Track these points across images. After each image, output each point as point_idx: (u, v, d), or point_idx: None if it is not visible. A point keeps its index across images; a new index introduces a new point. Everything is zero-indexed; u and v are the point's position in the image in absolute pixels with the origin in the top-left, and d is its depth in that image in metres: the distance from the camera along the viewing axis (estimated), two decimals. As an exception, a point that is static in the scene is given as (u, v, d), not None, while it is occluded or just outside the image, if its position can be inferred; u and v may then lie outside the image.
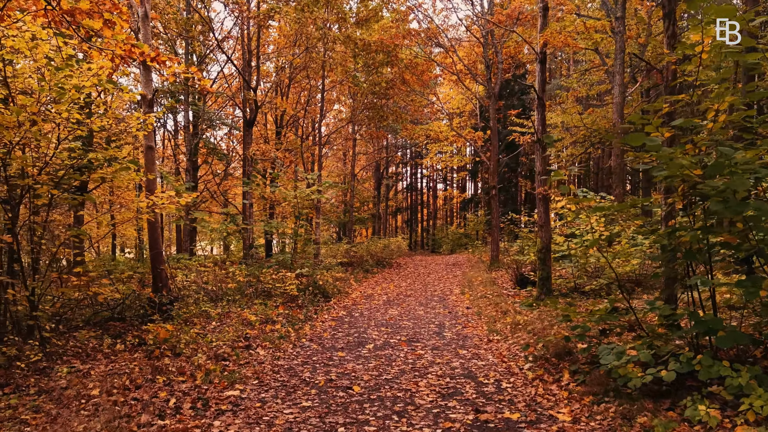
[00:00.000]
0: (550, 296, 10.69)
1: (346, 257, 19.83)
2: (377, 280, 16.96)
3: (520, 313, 9.74)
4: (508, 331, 8.38)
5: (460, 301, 12.30)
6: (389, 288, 14.92)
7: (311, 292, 11.62)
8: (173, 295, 9.51)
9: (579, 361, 6.10)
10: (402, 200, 48.54)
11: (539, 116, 10.56)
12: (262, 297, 10.94)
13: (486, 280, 14.58)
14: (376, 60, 18.59)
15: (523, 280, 13.25)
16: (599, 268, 12.50)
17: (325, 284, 11.94)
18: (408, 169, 48.68)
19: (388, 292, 13.99)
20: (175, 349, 7.15)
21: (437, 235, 43.08)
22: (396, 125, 28.16)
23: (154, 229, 9.28)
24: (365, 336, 8.41)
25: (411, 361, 6.73)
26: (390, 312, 10.81)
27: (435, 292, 13.96)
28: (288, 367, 6.48)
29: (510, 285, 13.90)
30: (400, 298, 12.85)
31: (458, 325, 9.37)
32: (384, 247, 25.29)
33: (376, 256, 21.80)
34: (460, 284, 15.22)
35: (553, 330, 7.42)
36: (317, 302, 11.35)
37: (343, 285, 14.38)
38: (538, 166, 10.73)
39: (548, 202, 10.81)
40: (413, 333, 8.64)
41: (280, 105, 22.51)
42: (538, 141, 10.69)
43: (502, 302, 10.98)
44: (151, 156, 9.08)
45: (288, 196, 11.98)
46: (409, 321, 9.78)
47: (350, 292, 13.68)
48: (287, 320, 9.31)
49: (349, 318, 10.18)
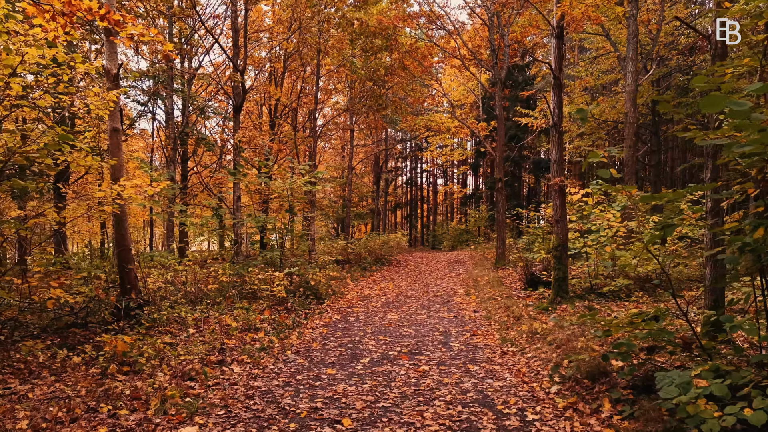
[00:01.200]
0: (566, 299, 9.61)
1: (343, 254, 18.73)
2: (375, 279, 15.87)
3: (535, 318, 8.65)
4: (524, 341, 7.29)
5: (465, 303, 11.21)
6: (388, 288, 13.83)
7: (302, 294, 10.53)
8: (143, 298, 8.40)
9: (619, 384, 5.02)
10: (401, 195, 47.45)
11: (555, 98, 9.45)
12: (247, 299, 9.84)
13: (492, 279, 13.49)
14: (374, 44, 17.44)
15: (533, 280, 12.17)
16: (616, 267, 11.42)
17: (318, 284, 10.86)
18: (408, 164, 47.55)
19: (387, 293, 12.90)
20: (135, 364, 6.05)
21: (437, 232, 42.00)
22: (395, 117, 27.03)
23: (120, 222, 8.17)
24: (360, 347, 7.32)
25: (414, 381, 5.64)
26: (389, 316, 9.72)
27: (438, 292, 12.87)
28: (265, 390, 5.38)
29: (519, 285, 12.81)
30: (400, 300, 11.76)
31: (466, 332, 8.28)
32: (383, 244, 24.19)
33: (375, 253, 20.71)
34: (465, 284, 14.13)
35: (579, 342, 6.33)
36: (308, 305, 10.25)
37: (338, 285, 13.29)
38: (554, 154, 9.62)
39: (565, 193, 9.71)
40: (415, 343, 7.54)
41: (274, 94, 21.36)
42: (553, 126, 9.58)
43: (512, 305, 9.89)
44: (116, 139, 7.95)
45: (278, 187, 10.88)
46: (411, 327, 8.68)
47: (346, 292, 12.58)
48: (272, 327, 8.21)
49: (343, 324, 9.08)
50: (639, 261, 10.82)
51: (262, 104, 24.86)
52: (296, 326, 8.54)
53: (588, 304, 9.59)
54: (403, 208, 48.14)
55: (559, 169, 9.57)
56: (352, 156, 24.50)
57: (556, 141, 9.55)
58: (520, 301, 10.65)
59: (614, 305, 9.69)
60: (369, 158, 36.35)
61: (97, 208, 7.27)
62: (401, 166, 46.71)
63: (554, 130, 9.55)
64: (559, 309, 9.31)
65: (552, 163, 9.66)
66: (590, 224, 12.17)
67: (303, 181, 10.91)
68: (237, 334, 7.63)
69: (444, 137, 27.94)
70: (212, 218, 11.06)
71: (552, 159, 9.65)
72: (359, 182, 35.96)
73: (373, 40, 17.26)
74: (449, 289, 13.32)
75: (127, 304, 7.92)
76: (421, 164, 46.79)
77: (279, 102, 23.24)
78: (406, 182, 47.16)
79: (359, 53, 18.34)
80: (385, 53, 18.23)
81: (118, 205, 7.60)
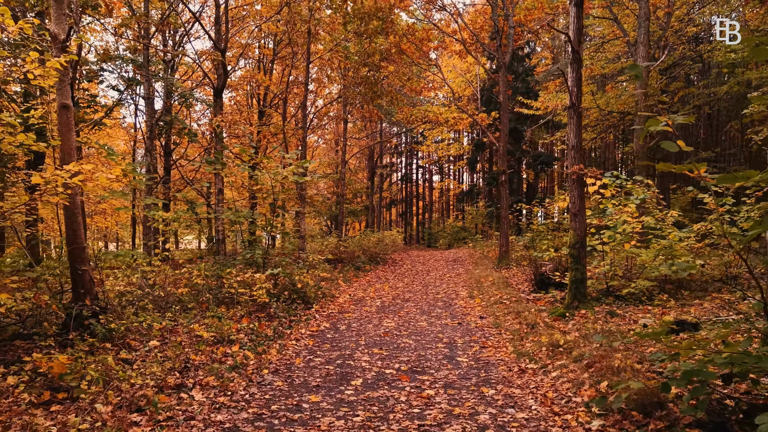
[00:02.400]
0: (584, 303, 8.52)
1: (335, 253, 17.59)
2: (370, 280, 14.74)
3: (551, 326, 7.55)
4: (545, 356, 6.18)
5: (469, 307, 10.10)
6: (384, 290, 12.71)
7: (287, 298, 9.38)
8: (99, 304, 7.23)
9: (680, 420, 3.92)
10: (396, 192, 46.31)
11: (574, 75, 8.34)
12: (225, 304, 8.69)
13: (497, 280, 12.40)
14: (369, 27, 16.27)
15: (543, 281, 11.08)
16: (631, 267, 10.36)
17: (306, 287, 9.72)
18: (403, 160, 46.41)
19: (382, 295, 11.77)
20: (74, 390, 4.91)
21: (434, 229, 40.91)
22: (391, 108, 25.86)
23: (71, 216, 6.98)
24: (352, 363, 6.19)
25: (417, 412, 4.52)
26: (385, 323, 8.59)
27: (438, 295, 11.76)
28: (229, 427, 4.24)
29: (527, 287, 11.72)
30: (396, 304, 10.64)
31: (474, 343, 7.17)
32: (377, 242, 23.06)
33: (369, 251, 19.58)
34: (467, 285, 13.03)
35: (616, 360, 5.23)
36: (294, 310, 9.11)
37: (329, 286, 12.15)
38: (571, 139, 8.52)
39: (584, 184, 8.61)
40: (416, 357, 6.43)
41: (263, 81, 20.17)
42: (571, 107, 8.47)
43: (523, 310, 8.80)
44: (65, 118, 6.76)
45: (262, 179, 9.72)
46: (410, 337, 7.56)
47: (337, 295, 11.45)
48: (250, 338, 7.07)
49: (332, 333, 7.95)
50: (661, 260, 9.77)
51: (252, 96, 23.66)
52: (278, 337, 7.40)
53: (609, 309, 8.51)
54: (399, 205, 47.01)
55: (577, 156, 8.47)
56: (345, 150, 23.34)
57: (574, 123, 8.44)
58: (531, 305, 9.56)
59: (636, 310, 8.63)
60: (363, 153, 35.18)
61: (46, 196, 6.08)
62: (396, 162, 45.57)
63: (572, 111, 8.45)
64: (578, 315, 8.22)
65: (569, 149, 8.55)
66: (608, 220, 11.11)
67: (289, 171, 9.76)
68: (206, 348, 6.48)
69: (441, 130, 26.84)
70: (186, 213, 9.90)
71: (569, 144, 8.55)
72: (353, 178, 34.78)
73: (368, 22, 16.09)
74: (450, 291, 12.22)
75: (79, 312, 6.75)
76: (417, 160, 45.65)
77: (268, 91, 22.05)
78: (402, 178, 46.01)
79: (353, 37, 17.17)
80: (380, 37, 17.08)
81: (67, 196, 6.42)
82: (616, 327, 7.36)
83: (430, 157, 42.98)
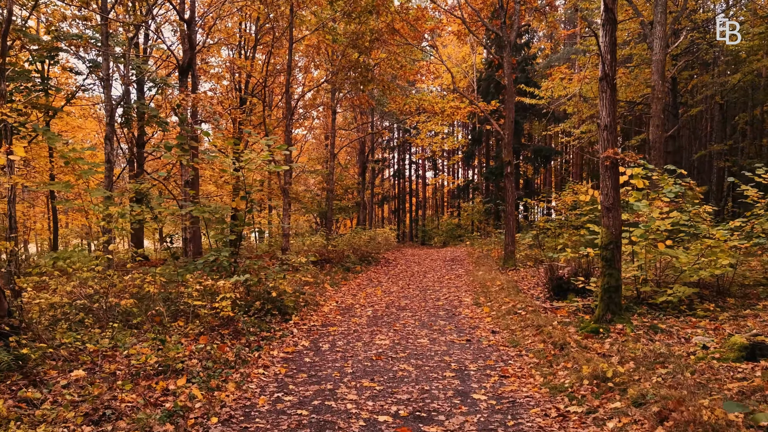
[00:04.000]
0: (619, 315, 7.03)
1: (322, 252, 16.02)
2: (360, 283, 13.19)
3: (586, 348, 6.05)
4: (589, 393, 4.68)
5: (477, 318, 8.59)
6: (376, 295, 11.17)
7: (260, 309, 7.81)
8: (12, 322, 5.64)
9: None
10: (389, 188, 44.76)
11: (608, 39, 6.84)
12: (185, 316, 7.11)
13: (505, 284, 10.88)
14: (358, 5, 14.71)
15: (561, 286, 9.59)
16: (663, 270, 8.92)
17: (283, 295, 8.15)
18: (395, 155, 44.82)
19: (374, 302, 10.23)
20: None
21: (428, 227, 39.42)
22: (383, 98, 24.29)
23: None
24: (333, 406, 4.64)
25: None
26: (378, 341, 7.06)
27: (439, 301, 10.24)
28: None
29: (540, 292, 10.23)
30: (391, 313, 9.11)
31: (491, 370, 5.65)
32: (369, 240, 21.51)
33: (360, 250, 18.02)
34: (470, 289, 11.52)
35: (704, 414, 3.72)
36: (268, 324, 7.54)
37: (313, 292, 10.60)
38: (604, 117, 7.01)
39: (618, 171, 7.11)
40: (419, 394, 4.90)
41: (243, 66, 18.55)
42: (604, 78, 6.97)
43: (545, 324, 7.30)
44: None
45: (226, 164, 8.15)
46: (409, 361, 6.03)
47: (322, 302, 9.88)
48: (204, 365, 5.49)
49: (312, 354, 6.40)
50: (704, 262, 8.31)
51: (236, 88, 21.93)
52: (241, 363, 5.83)
53: (651, 323, 7.03)
54: (391, 202, 45.46)
55: (610, 137, 6.97)
56: (334, 141, 21.74)
57: (607, 98, 6.94)
58: (551, 315, 8.06)
59: (678, 322, 7.17)
60: (354, 147, 33.60)
61: None
62: (388, 158, 43.96)
63: (604, 83, 6.94)
64: (614, 331, 6.73)
65: (601, 130, 7.05)
66: (634, 216, 9.65)
67: (264, 157, 8.17)
68: (143, 383, 4.91)
69: (437, 121, 25.31)
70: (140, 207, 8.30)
71: (601, 124, 7.05)
72: (344, 174, 33.17)
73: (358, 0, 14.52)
74: (452, 297, 10.70)
75: (-23, 334, 5.17)
76: (410, 155, 44.08)
77: (250, 77, 20.42)
78: (394, 174, 44.44)
79: (340, 17, 15.59)
80: (371, 18, 15.51)
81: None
82: (666, 347, 5.89)
83: (424, 152, 41.50)
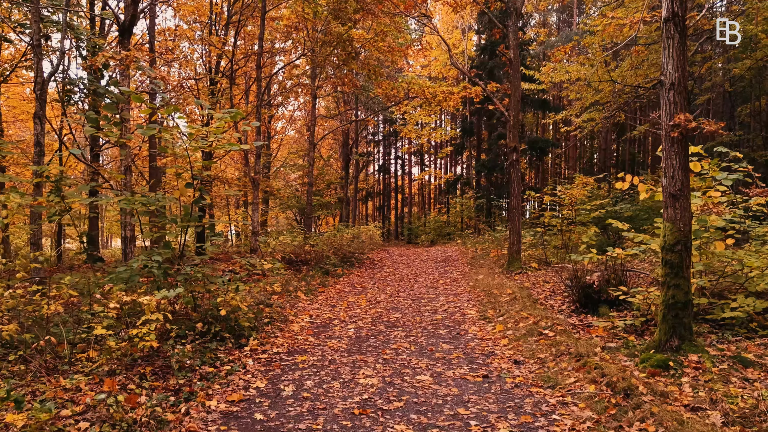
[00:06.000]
0: (690, 342, 5.18)
1: (298, 253, 13.99)
2: (341, 289, 11.22)
3: (662, 395, 4.19)
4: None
5: (489, 338, 6.69)
6: (360, 305, 9.22)
7: (203, 332, 5.81)
8: None
9: None
10: (374, 183, 42.76)
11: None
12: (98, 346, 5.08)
13: (517, 292, 8.98)
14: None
15: (588, 295, 7.73)
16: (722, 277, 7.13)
17: (237, 313, 6.15)
18: (380, 149, 42.81)
19: (357, 316, 8.28)
20: None
21: (414, 224, 37.57)
22: (368, 85, 22.28)
23: None
24: None
25: None
26: (362, 379, 5.10)
27: (436, 314, 8.32)
28: None
29: (562, 303, 8.36)
30: (379, 332, 7.16)
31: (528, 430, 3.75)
32: (353, 238, 19.53)
33: (342, 250, 16.04)
34: (473, 298, 9.63)
35: None
36: (215, 353, 5.54)
37: (283, 302, 8.61)
38: (670, 71, 5.16)
39: (688, 146, 5.26)
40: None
41: (214, 43, 16.42)
42: (672, 17, 5.11)
43: (585, 351, 5.41)
44: None
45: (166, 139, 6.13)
46: (408, 420, 4.09)
47: (292, 318, 7.89)
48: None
49: (267, 407, 4.42)
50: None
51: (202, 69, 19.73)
52: (156, 426, 3.83)
53: (735, 353, 5.19)
54: (376, 198, 43.49)
55: (679, 100, 5.13)
56: (314, 130, 19.66)
57: (674, 46, 5.10)
58: (588, 338, 6.19)
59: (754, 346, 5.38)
60: (337, 138, 31.53)
61: None
62: (373, 152, 41.91)
63: (672, 26, 5.10)
64: (688, 363, 4.88)
65: (665, 90, 5.21)
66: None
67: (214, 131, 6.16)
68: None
69: (426, 111, 23.41)
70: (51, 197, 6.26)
71: (666, 82, 5.21)
72: (327, 169, 31.03)
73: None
74: (452, 308, 8.78)
75: None
76: (396, 150, 42.11)
77: (221, 58, 18.26)
78: (379, 169, 42.45)
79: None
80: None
81: None
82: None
83: (410, 146, 39.60)
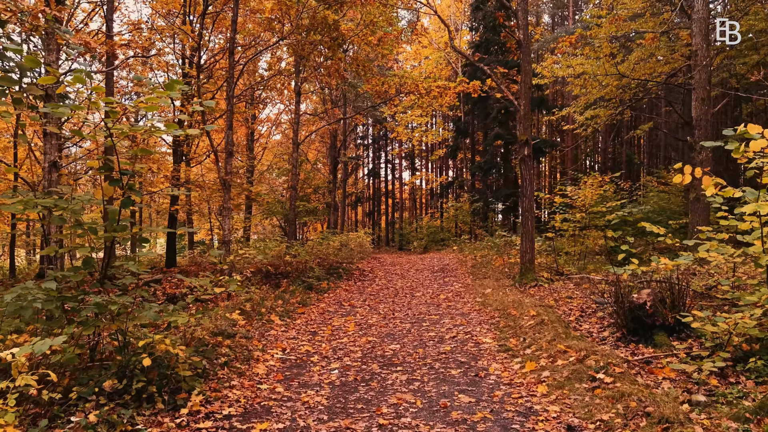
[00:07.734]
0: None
1: (277, 265, 12.21)
2: (325, 309, 9.45)
3: None
4: None
5: (520, 383, 4.96)
6: (347, 332, 7.46)
7: (120, 391, 4.02)
8: None
9: None
10: (363, 188, 41.05)
11: None
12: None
13: (542, 313, 7.26)
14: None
15: (637, 319, 6.05)
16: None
17: (170, 360, 4.37)
18: (370, 153, 41.15)
19: (344, 348, 6.52)
20: None
21: (405, 230, 35.84)
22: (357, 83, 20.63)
23: None
24: None
25: None
26: (347, 469, 3.35)
27: (443, 344, 6.58)
28: None
29: (602, 328, 6.66)
30: (372, 374, 5.41)
31: None
32: (341, 247, 17.80)
33: (328, 260, 14.29)
34: (486, 320, 7.90)
35: None
36: (130, 426, 3.76)
37: (249, 330, 6.82)
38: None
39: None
40: None
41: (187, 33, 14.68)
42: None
43: (671, 412, 3.71)
44: None
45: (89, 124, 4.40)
46: None
47: (258, 355, 6.09)
48: None
49: None
50: None
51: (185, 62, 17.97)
52: None
53: None
54: (365, 203, 41.76)
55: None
56: (297, 128, 17.93)
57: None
58: (655, 380, 4.50)
59: None
60: (324, 141, 29.80)
61: None
62: (362, 155, 40.22)
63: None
64: None
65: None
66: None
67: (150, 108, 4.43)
68: None
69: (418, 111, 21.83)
70: None
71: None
72: (314, 173, 29.27)
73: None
74: (462, 335, 7.05)
75: None
76: (386, 153, 40.47)
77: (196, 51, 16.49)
78: (368, 173, 40.77)
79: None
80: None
81: None
82: None
83: (401, 148, 38.00)
